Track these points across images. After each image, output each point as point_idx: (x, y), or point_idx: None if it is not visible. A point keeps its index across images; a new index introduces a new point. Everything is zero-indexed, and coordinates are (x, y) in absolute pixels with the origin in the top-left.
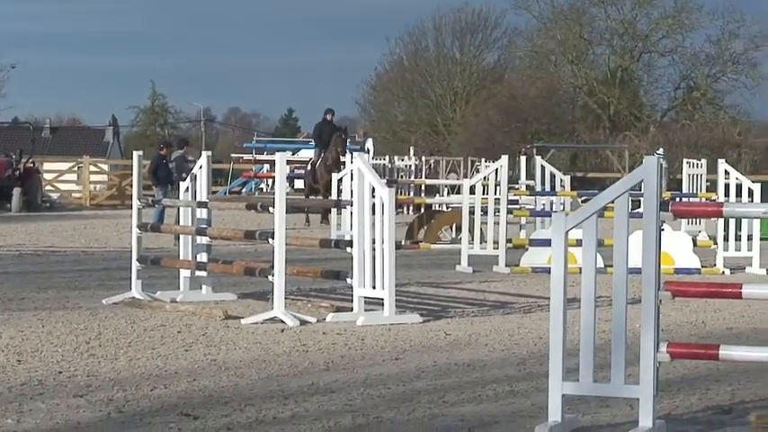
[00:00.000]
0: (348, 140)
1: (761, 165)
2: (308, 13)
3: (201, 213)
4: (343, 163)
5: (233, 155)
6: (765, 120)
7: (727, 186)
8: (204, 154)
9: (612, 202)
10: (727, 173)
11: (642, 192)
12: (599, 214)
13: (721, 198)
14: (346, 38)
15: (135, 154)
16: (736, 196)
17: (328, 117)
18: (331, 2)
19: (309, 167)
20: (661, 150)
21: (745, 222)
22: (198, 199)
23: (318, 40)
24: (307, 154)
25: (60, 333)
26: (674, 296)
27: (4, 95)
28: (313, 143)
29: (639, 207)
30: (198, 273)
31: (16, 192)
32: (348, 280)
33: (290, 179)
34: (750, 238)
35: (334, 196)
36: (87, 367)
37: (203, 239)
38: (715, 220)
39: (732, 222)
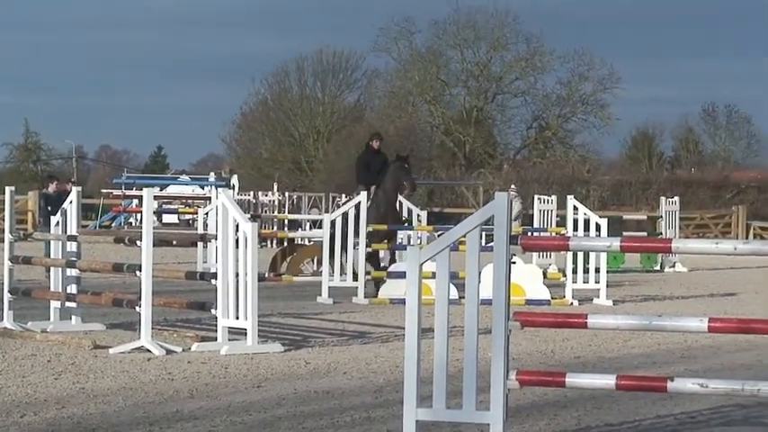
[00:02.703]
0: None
1: (608, 200)
2: (177, 56)
3: (71, 246)
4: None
5: (103, 190)
6: (613, 158)
7: (575, 221)
8: (74, 189)
9: (465, 236)
10: (575, 208)
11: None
12: (453, 248)
13: (570, 232)
14: (213, 79)
15: (7, 189)
16: (584, 230)
17: (375, 144)
18: (198, 45)
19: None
20: (514, 186)
21: (593, 255)
22: (68, 232)
23: (187, 81)
24: (175, 189)
25: None
26: (523, 326)
27: None
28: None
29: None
30: (68, 304)
31: None
32: (213, 311)
33: (158, 214)
34: (597, 270)
35: (201, 230)
36: None
37: (73, 272)
38: (564, 253)
39: (581, 256)
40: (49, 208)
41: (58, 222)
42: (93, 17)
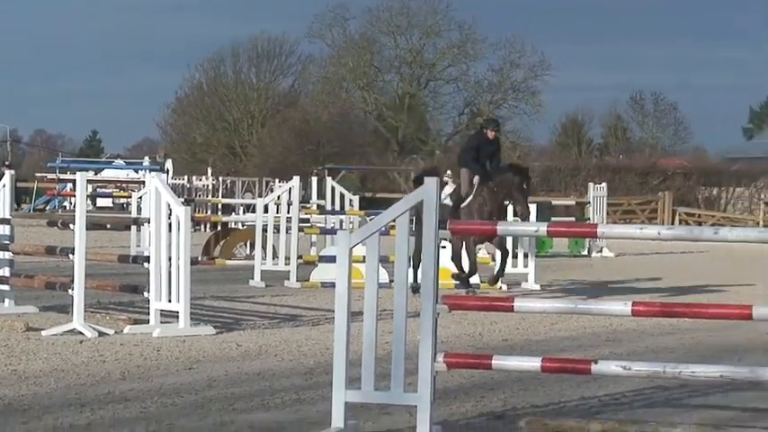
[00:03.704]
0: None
1: (538, 186)
2: (113, 41)
3: (4, 230)
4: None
5: (37, 174)
6: (543, 144)
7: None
8: (8, 172)
9: (395, 220)
10: None
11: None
12: (384, 232)
13: None
14: (148, 63)
15: None
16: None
17: (490, 134)
18: (134, 30)
19: (452, 200)
20: (449, 172)
21: (523, 241)
22: (1, 216)
23: (122, 66)
24: (110, 174)
25: None
26: (451, 309)
27: None
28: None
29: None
30: (0, 287)
31: None
32: (145, 294)
33: (93, 197)
34: (526, 255)
35: (134, 214)
36: None
37: (6, 255)
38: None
39: (510, 240)
40: None
41: None
42: None
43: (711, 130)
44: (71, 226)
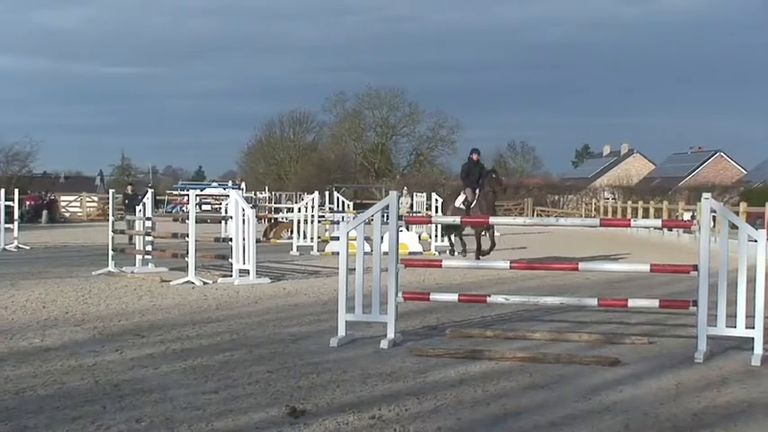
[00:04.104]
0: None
1: (456, 195)
2: (207, 115)
3: (148, 223)
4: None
5: (167, 191)
6: (457, 171)
7: (437, 207)
8: (150, 191)
9: (372, 216)
10: (436, 199)
11: (389, 210)
12: (367, 222)
13: (433, 214)
14: (232, 127)
15: (111, 191)
16: (441, 212)
17: (474, 157)
18: (224, 109)
19: (464, 206)
20: (405, 190)
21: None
22: (147, 215)
23: (216, 128)
24: (209, 191)
25: (67, 290)
26: (406, 266)
27: (38, 158)
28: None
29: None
30: (146, 257)
31: (44, 213)
32: (230, 259)
33: (199, 205)
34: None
35: (223, 213)
36: (82, 309)
37: (149, 238)
38: (429, 225)
39: (440, 227)
40: (126, 201)
41: (140, 210)
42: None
43: (554, 161)
44: (186, 221)
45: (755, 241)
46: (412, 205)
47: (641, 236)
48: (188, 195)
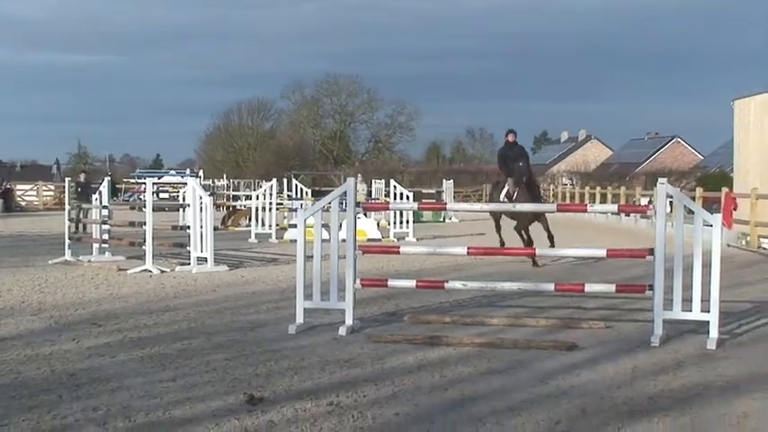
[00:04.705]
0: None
1: (415, 182)
2: (170, 105)
3: (104, 211)
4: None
5: (124, 179)
6: (417, 158)
7: (395, 194)
8: (106, 179)
9: (330, 203)
10: (395, 186)
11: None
12: (325, 209)
13: (391, 200)
14: (190, 116)
15: (67, 180)
16: (399, 199)
17: (510, 138)
18: (183, 98)
19: (507, 200)
20: (360, 176)
21: (405, 213)
22: (103, 203)
23: (176, 117)
24: (167, 179)
25: (23, 279)
26: (364, 253)
27: None
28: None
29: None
30: (103, 245)
31: (0, 202)
32: (188, 247)
33: (156, 193)
34: (408, 222)
35: (181, 201)
36: (38, 298)
37: (106, 227)
38: (388, 212)
39: (398, 213)
40: (79, 189)
41: (96, 198)
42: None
43: None
44: (143, 209)
45: (711, 226)
46: (370, 192)
47: (599, 221)
48: (145, 184)
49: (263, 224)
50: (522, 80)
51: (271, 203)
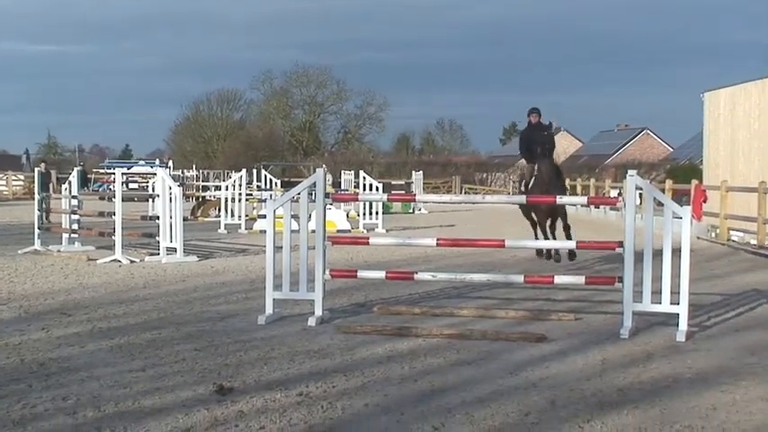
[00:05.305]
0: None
1: (384, 173)
2: (143, 93)
3: (74, 201)
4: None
5: (94, 170)
6: (386, 149)
7: (365, 185)
8: (75, 169)
9: (299, 193)
10: (365, 177)
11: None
12: (294, 200)
13: (360, 191)
14: (159, 106)
15: (36, 170)
16: (369, 190)
17: (533, 119)
18: (151, 88)
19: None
20: (324, 167)
21: (374, 204)
22: (73, 194)
23: (145, 106)
24: (136, 169)
25: None
26: (333, 244)
27: None
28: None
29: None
30: (73, 235)
31: None
32: (157, 238)
33: (126, 183)
34: (377, 213)
35: (151, 191)
36: (8, 288)
37: (75, 216)
38: (357, 203)
39: (368, 204)
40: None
41: (66, 188)
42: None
43: (482, 139)
44: (113, 199)
45: (680, 218)
46: (339, 183)
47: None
48: (115, 174)
49: (232, 215)
50: (491, 71)
51: (240, 194)
